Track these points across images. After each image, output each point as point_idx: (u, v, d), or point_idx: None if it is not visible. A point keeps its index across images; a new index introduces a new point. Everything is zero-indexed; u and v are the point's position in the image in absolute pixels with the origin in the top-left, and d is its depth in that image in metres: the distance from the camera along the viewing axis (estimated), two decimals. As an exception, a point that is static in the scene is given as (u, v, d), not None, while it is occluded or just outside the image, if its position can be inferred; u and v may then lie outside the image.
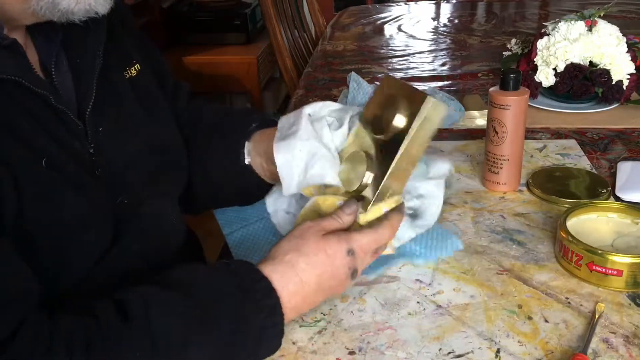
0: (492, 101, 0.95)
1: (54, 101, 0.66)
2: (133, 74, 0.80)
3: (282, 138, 0.79)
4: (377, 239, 0.72)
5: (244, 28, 2.95)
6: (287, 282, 0.66)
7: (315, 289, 0.68)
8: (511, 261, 0.81)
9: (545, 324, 0.70)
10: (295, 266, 0.67)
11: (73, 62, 0.72)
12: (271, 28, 2.01)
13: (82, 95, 0.71)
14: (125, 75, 0.79)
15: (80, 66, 0.72)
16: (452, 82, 1.55)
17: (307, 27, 2.37)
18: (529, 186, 0.99)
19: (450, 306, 0.74)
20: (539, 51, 1.31)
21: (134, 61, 0.81)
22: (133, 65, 0.81)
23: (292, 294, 0.66)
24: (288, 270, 0.67)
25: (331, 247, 0.68)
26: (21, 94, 0.64)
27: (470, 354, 0.67)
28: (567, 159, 1.09)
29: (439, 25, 2.13)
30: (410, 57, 1.78)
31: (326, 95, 1.49)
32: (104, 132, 0.73)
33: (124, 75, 0.79)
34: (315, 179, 0.76)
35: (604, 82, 1.25)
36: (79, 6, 0.65)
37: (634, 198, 0.94)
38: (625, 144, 1.15)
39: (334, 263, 0.68)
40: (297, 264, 0.67)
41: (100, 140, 0.72)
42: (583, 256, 0.76)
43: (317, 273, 0.68)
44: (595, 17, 1.32)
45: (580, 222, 0.84)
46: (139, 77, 0.81)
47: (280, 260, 0.67)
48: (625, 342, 0.67)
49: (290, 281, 0.66)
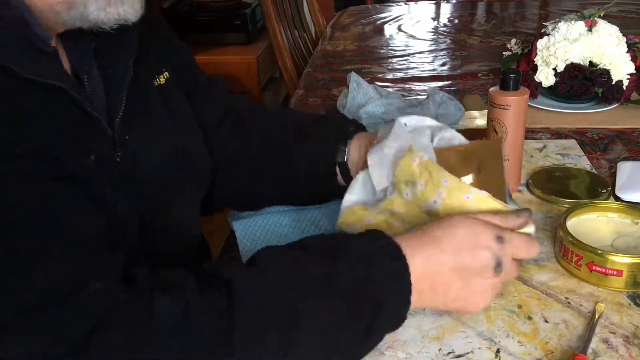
0: (492, 101, 0.95)
1: (89, 108, 0.67)
2: (162, 81, 0.81)
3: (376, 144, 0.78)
4: (530, 245, 0.66)
5: (244, 28, 2.95)
6: (422, 247, 0.62)
7: (453, 263, 0.62)
8: (511, 261, 0.81)
9: (545, 324, 0.70)
10: (434, 235, 0.63)
11: (104, 72, 0.73)
12: (271, 28, 2.01)
13: (112, 104, 0.72)
14: (154, 84, 0.80)
15: (112, 76, 0.73)
16: (452, 82, 1.55)
17: (307, 27, 2.37)
18: (529, 186, 0.99)
19: (450, 306, 0.74)
20: (539, 51, 1.31)
21: (163, 69, 0.82)
22: (162, 73, 0.82)
23: (427, 261, 0.62)
24: (425, 237, 0.63)
25: (478, 224, 0.64)
26: (61, 99, 0.65)
27: (470, 354, 0.67)
28: (567, 159, 1.09)
29: (439, 25, 2.12)
30: (410, 57, 1.78)
31: (326, 95, 1.49)
32: (131, 139, 0.74)
33: (154, 83, 0.80)
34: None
35: (604, 82, 1.25)
36: (109, 16, 0.66)
37: (634, 198, 0.94)
38: (625, 144, 1.15)
39: (479, 242, 0.63)
40: (437, 233, 0.63)
41: (127, 147, 0.73)
42: (583, 256, 0.76)
43: (457, 246, 0.62)
44: (595, 17, 1.32)
45: (580, 222, 0.84)
46: (167, 85, 0.82)
47: (419, 229, 0.64)
48: (625, 342, 0.67)
49: (426, 248, 0.62)
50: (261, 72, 2.90)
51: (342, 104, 1.35)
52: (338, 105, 1.36)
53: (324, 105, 1.43)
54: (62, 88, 0.64)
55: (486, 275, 0.64)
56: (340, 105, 1.36)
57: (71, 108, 0.66)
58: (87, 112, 0.68)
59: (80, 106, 0.67)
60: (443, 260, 0.63)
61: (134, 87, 0.74)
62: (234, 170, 0.92)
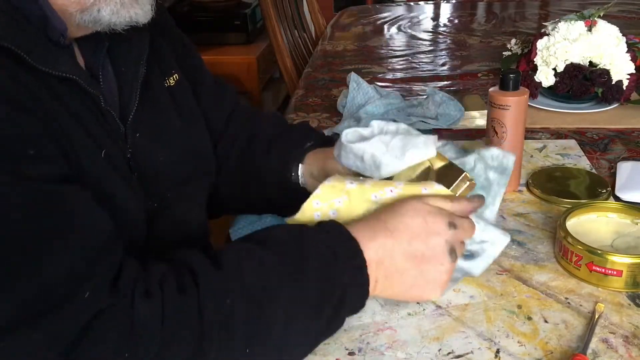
0: (492, 101, 0.95)
1: (103, 103, 0.69)
2: (172, 83, 0.83)
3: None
4: (473, 229, 0.69)
5: (244, 28, 2.95)
6: (376, 237, 0.65)
7: (405, 251, 0.65)
8: (511, 261, 0.81)
9: (545, 324, 0.70)
10: (386, 223, 0.66)
11: (118, 70, 0.75)
12: (271, 28, 2.01)
13: (125, 102, 0.74)
14: (165, 84, 0.82)
15: (125, 74, 0.75)
16: (452, 82, 1.55)
17: (307, 27, 2.37)
18: (528, 186, 0.99)
19: (450, 306, 0.74)
20: (539, 51, 1.31)
21: (173, 71, 0.84)
22: (172, 75, 0.84)
23: (380, 249, 0.65)
24: (379, 225, 0.66)
25: (432, 214, 0.66)
26: (76, 93, 0.66)
27: (469, 354, 0.67)
28: (566, 159, 1.09)
29: (439, 25, 2.13)
30: (410, 57, 1.78)
31: (326, 96, 1.49)
32: (141, 137, 0.75)
33: (164, 84, 0.82)
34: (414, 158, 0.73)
35: (603, 82, 1.25)
36: (120, 19, 0.68)
37: (633, 198, 0.94)
38: (625, 144, 1.15)
39: (431, 229, 0.66)
40: (389, 221, 0.66)
41: (137, 145, 0.74)
42: (583, 256, 0.76)
43: (409, 234, 0.65)
44: (595, 17, 1.32)
45: (580, 222, 0.84)
46: (177, 86, 0.84)
47: (372, 217, 0.67)
48: (624, 342, 0.67)
49: (379, 236, 0.65)
50: (261, 72, 2.89)
51: (342, 104, 1.35)
52: (338, 105, 1.37)
53: (323, 106, 1.43)
54: (77, 81, 0.65)
55: (441, 262, 0.66)
56: (340, 105, 1.36)
57: (85, 102, 0.67)
58: (100, 107, 0.69)
59: (95, 100, 0.68)
60: (396, 249, 0.65)
61: (145, 85, 0.76)
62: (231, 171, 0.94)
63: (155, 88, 0.80)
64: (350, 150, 0.75)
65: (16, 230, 0.54)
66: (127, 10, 0.68)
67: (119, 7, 0.67)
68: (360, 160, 0.75)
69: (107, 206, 0.65)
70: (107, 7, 0.67)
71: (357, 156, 0.75)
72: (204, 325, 0.58)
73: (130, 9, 0.68)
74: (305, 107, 1.43)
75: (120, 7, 0.67)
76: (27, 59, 0.60)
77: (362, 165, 0.75)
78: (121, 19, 0.68)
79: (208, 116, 0.91)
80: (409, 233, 0.65)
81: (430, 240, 0.66)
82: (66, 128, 0.64)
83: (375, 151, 0.74)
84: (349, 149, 0.75)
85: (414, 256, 0.66)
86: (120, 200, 0.69)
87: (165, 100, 0.81)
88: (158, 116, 0.79)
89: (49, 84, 0.63)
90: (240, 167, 0.93)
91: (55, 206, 0.57)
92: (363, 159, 0.74)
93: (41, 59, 0.62)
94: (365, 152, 0.74)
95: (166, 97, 0.82)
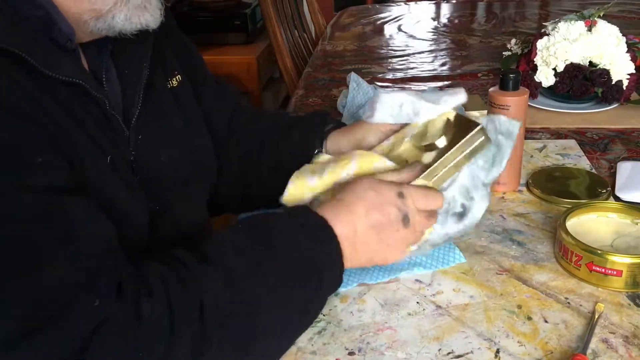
0: (492, 101, 0.95)
1: (108, 107, 0.69)
2: (174, 84, 0.84)
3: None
4: (428, 195, 0.73)
5: (244, 28, 2.94)
6: (338, 215, 0.70)
7: (365, 223, 0.70)
8: (511, 261, 0.81)
9: (545, 324, 0.70)
10: (344, 200, 0.71)
11: (121, 73, 0.75)
12: (271, 28, 2.01)
13: (128, 104, 0.74)
14: (167, 86, 0.83)
15: (128, 77, 0.75)
16: (452, 82, 1.55)
17: (307, 27, 2.37)
18: (528, 186, 0.99)
19: (450, 306, 0.74)
20: (539, 51, 1.31)
21: (175, 72, 0.85)
22: (175, 76, 0.84)
23: (344, 225, 0.69)
24: (338, 205, 0.71)
25: (381, 185, 0.72)
26: (80, 97, 0.66)
27: (469, 354, 0.67)
28: (566, 159, 1.09)
29: (439, 25, 2.13)
30: (410, 57, 1.78)
31: (326, 96, 1.49)
32: (144, 139, 0.75)
33: (167, 85, 0.83)
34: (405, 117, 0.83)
35: (603, 82, 1.25)
36: (132, 25, 0.70)
37: (633, 198, 0.94)
38: (625, 144, 1.15)
39: (383, 200, 0.70)
40: (345, 199, 0.71)
41: (140, 147, 0.75)
42: (583, 256, 0.76)
43: (365, 206, 0.70)
44: (595, 17, 1.32)
45: (580, 222, 0.84)
46: (180, 87, 0.84)
47: (332, 199, 0.72)
48: (624, 343, 0.67)
49: (341, 214, 0.70)
50: (261, 72, 2.89)
51: (342, 104, 1.35)
52: (338, 105, 1.37)
53: (323, 106, 1.43)
54: (83, 86, 0.65)
55: (396, 228, 0.71)
56: (340, 105, 1.36)
57: (90, 106, 0.67)
58: (105, 112, 0.69)
59: (99, 105, 0.68)
60: (357, 221, 0.70)
61: (148, 87, 0.76)
62: (232, 171, 0.94)
63: (159, 90, 0.80)
64: (386, 102, 0.83)
65: (16, 241, 0.54)
66: (139, 17, 0.69)
67: (131, 13, 0.69)
68: (398, 109, 0.83)
69: (110, 211, 0.65)
70: (121, 14, 0.68)
71: (395, 106, 0.83)
72: (204, 314, 0.59)
73: (142, 15, 0.70)
74: (305, 107, 1.43)
75: (132, 13, 0.69)
76: (31, 62, 0.60)
77: (399, 114, 0.83)
78: (133, 26, 0.69)
79: (210, 116, 0.91)
80: (365, 205, 0.70)
81: (384, 208, 0.71)
82: (69, 133, 0.63)
83: (414, 98, 0.82)
84: (384, 99, 0.83)
85: (372, 226, 0.70)
86: (123, 205, 0.69)
87: (168, 102, 0.82)
88: (161, 118, 0.79)
89: (52, 88, 0.63)
90: (246, 166, 0.93)
91: (56, 217, 0.56)
92: (401, 107, 0.82)
93: (45, 63, 0.61)
94: (405, 101, 0.82)
95: (169, 99, 0.82)
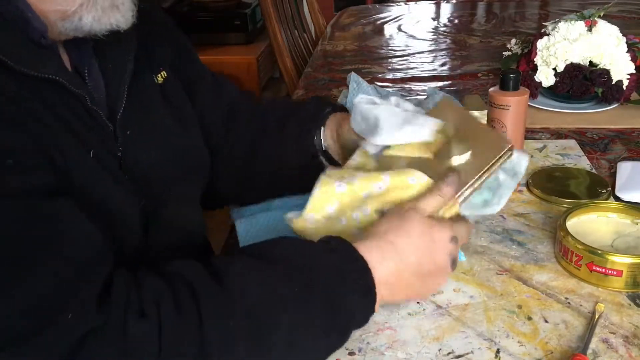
0: (492, 101, 0.95)
1: (89, 103, 0.68)
2: (160, 81, 0.82)
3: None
4: (469, 231, 0.72)
5: (244, 28, 2.95)
6: (385, 259, 0.65)
7: (413, 271, 0.67)
8: (511, 261, 0.81)
9: (545, 324, 0.70)
10: (395, 244, 0.66)
11: (104, 67, 0.74)
12: (271, 28, 2.01)
13: (113, 100, 0.73)
14: (154, 82, 0.82)
15: (111, 71, 0.74)
16: (452, 82, 1.55)
17: (307, 27, 2.37)
18: (528, 186, 0.99)
19: (450, 306, 0.74)
20: (539, 51, 1.31)
21: (161, 69, 0.83)
22: (160, 72, 0.83)
23: (389, 272, 0.65)
24: (387, 247, 0.66)
25: (437, 231, 0.67)
26: (61, 94, 0.65)
27: (470, 354, 0.67)
28: (567, 159, 1.09)
29: (439, 25, 2.12)
30: (410, 57, 1.78)
31: (326, 95, 1.49)
32: (131, 135, 0.74)
33: (154, 81, 0.81)
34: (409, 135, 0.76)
35: (603, 82, 1.25)
36: (102, 26, 0.68)
37: (633, 198, 0.94)
38: (625, 144, 1.15)
39: (437, 247, 0.67)
40: (397, 243, 0.66)
41: (128, 143, 0.73)
42: (583, 256, 0.76)
43: (418, 255, 0.66)
44: (595, 17, 1.32)
45: (580, 222, 0.84)
46: (166, 84, 0.83)
47: (380, 238, 0.66)
48: (625, 343, 0.67)
49: (388, 259, 0.65)
50: (261, 72, 2.90)
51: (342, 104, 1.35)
52: (338, 105, 1.36)
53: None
54: (61, 82, 0.64)
55: (443, 274, 0.70)
56: (340, 105, 1.36)
57: (70, 103, 0.66)
58: (87, 107, 0.67)
59: (80, 101, 0.67)
60: (405, 270, 0.67)
61: (135, 83, 0.75)
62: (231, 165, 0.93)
63: (144, 85, 0.79)
64: (360, 112, 0.80)
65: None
66: (109, 17, 0.67)
67: (100, 15, 0.66)
68: (365, 123, 0.78)
69: (100, 210, 0.64)
70: (89, 14, 0.66)
71: (364, 118, 0.79)
72: (203, 348, 0.56)
73: (111, 16, 0.67)
74: (305, 107, 1.43)
75: (101, 14, 0.66)
76: (7, 62, 0.59)
77: (367, 128, 0.78)
78: (102, 26, 0.67)
79: (206, 111, 0.90)
80: (417, 254, 0.67)
81: (437, 257, 0.68)
82: (51, 131, 0.62)
83: (380, 115, 0.76)
84: (359, 110, 0.80)
85: (421, 274, 0.68)
86: (113, 203, 0.68)
87: (156, 97, 0.80)
88: (148, 113, 0.78)
89: (31, 86, 0.61)
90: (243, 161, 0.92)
91: (39, 220, 0.55)
92: (368, 122, 0.78)
93: (22, 61, 0.60)
94: (372, 115, 0.78)
95: (156, 94, 0.81)
